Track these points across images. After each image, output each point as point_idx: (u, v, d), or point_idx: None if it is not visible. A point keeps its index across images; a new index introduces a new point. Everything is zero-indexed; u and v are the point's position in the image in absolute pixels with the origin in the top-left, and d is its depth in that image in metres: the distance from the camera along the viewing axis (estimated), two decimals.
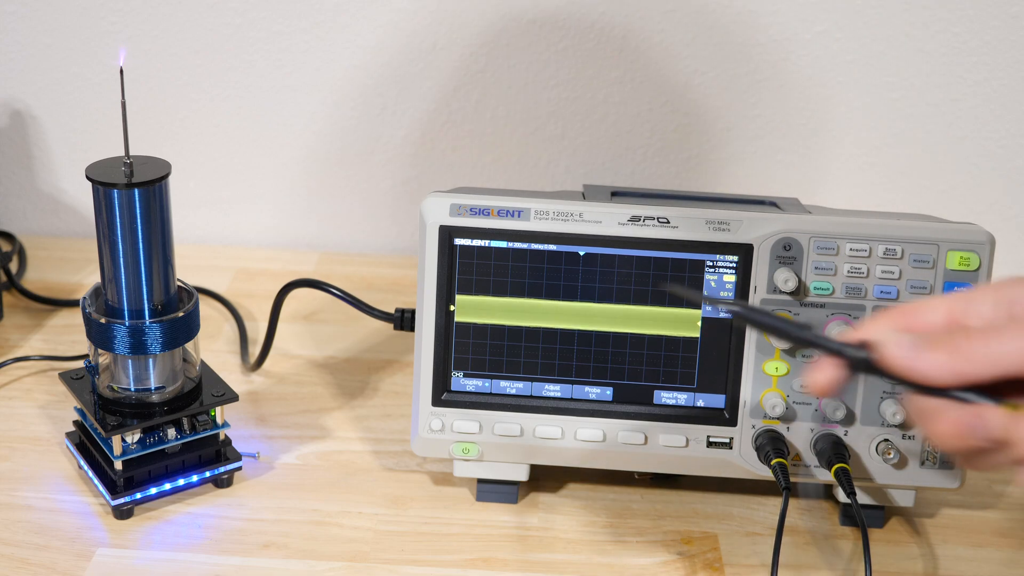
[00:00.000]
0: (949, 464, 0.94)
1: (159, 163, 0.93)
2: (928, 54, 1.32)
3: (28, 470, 1.01)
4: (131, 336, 0.93)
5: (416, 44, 1.34)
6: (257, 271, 1.36)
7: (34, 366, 1.15)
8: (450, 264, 0.93)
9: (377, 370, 1.17)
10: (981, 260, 0.91)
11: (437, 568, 0.91)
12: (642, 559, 0.93)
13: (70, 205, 1.43)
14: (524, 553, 0.94)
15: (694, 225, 0.92)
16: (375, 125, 1.38)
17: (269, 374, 1.16)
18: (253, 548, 0.93)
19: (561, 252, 0.92)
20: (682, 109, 1.36)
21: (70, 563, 0.90)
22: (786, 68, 1.33)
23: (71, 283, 1.31)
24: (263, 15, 1.33)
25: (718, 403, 0.95)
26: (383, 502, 0.98)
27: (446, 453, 0.96)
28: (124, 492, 0.94)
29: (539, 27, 1.33)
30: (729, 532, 0.96)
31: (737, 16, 1.31)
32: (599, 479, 1.01)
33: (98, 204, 0.91)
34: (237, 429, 1.05)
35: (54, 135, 1.40)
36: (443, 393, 0.95)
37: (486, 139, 1.38)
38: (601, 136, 1.37)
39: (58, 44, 1.35)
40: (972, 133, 1.35)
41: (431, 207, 0.92)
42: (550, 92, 1.35)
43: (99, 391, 0.96)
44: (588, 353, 0.94)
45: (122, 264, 0.92)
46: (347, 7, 1.33)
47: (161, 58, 1.36)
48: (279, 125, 1.38)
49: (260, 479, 1.01)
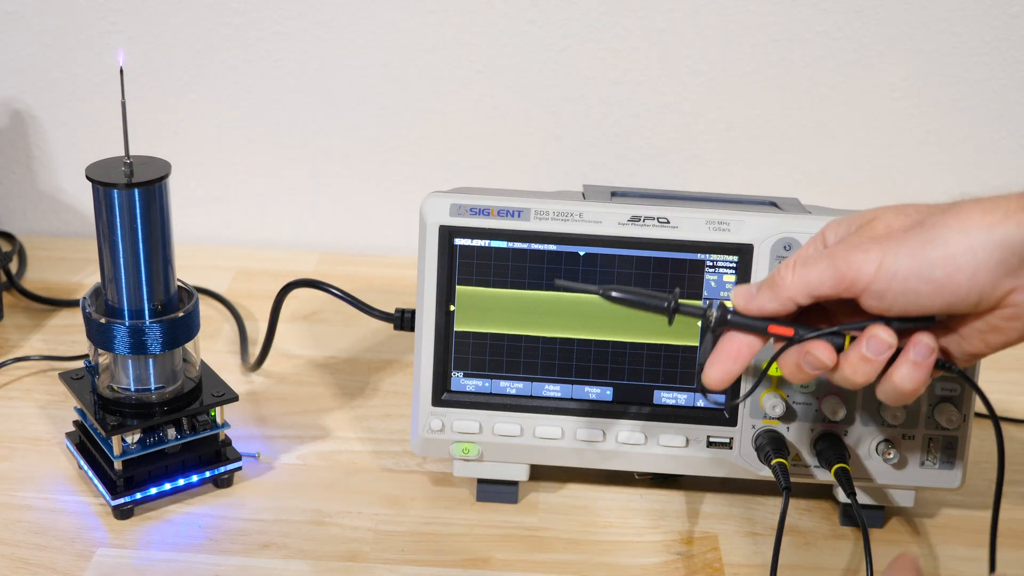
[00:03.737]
0: (949, 464, 0.94)
1: (159, 163, 0.93)
2: (928, 54, 1.32)
3: (28, 470, 1.01)
4: (131, 336, 0.93)
5: (416, 44, 1.34)
6: (257, 271, 1.36)
7: (34, 366, 1.15)
8: (450, 264, 0.93)
9: (377, 370, 1.17)
10: None
11: (437, 568, 0.91)
12: (642, 559, 0.93)
13: (70, 205, 1.43)
14: (524, 553, 0.94)
15: (694, 225, 0.92)
16: (375, 125, 1.38)
17: (269, 374, 1.16)
18: (253, 548, 0.93)
19: (561, 252, 0.92)
20: (682, 109, 1.36)
21: (70, 563, 0.90)
22: (786, 68, 1.33)
23: (71, 283, 1.31)
24: (263, 15, 1.33)
25: (719, 402, 0.95)
26: (383, 502, 0.98)
27: (446, 453, 0.96)
28: (124, 492, 0.94)
29: (539, 27, 1.33)
30: (729, 532, 0.96)
31: (737, 16, 1.31)
32: (599, 479, 1.01)
33: (98, 204, 0.91)
34: (237, 429, 1.05)
35: (54, 135, 1.40)
36: (443, 393, 0.95)
37: (486, 139, 1.38)
38: (601, 136, 1.37)
39: (58, 44, 1.35)
40: (972, 133, 1.35)
41: (431, 207, 0.92)
42: (550, 92, 1.35)
43: (99, 391, 0.96)
44: (588, 353, 0.94)
45: (122, 264, 0.92)
46: (347, 7, 1.33)
47: (161, 58, 1.36)
48: (279, 125, 1.38)
49: (260, 479, 1.01)
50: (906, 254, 0.70)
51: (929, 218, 0.70)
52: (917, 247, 0.70)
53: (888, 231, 0.72)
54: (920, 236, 0.70)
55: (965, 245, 0.69)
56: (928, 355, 0.73)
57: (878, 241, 0.71)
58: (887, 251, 0.70)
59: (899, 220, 0.73)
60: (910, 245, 0.70)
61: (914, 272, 0.70)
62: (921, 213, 0.72)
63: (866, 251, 0.71)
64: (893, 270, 0.70)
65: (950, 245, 0.69)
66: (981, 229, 0.68)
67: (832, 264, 0.72)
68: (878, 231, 0.73)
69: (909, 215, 0.73)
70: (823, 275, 0.72)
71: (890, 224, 0.73)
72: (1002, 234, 0.68)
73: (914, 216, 0.72)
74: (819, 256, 0.73)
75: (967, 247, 0.69)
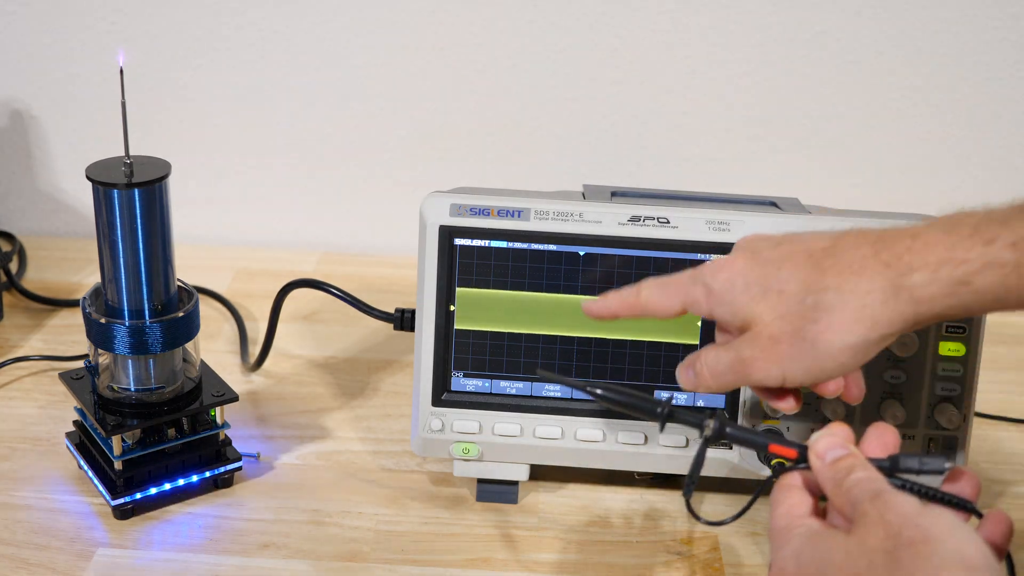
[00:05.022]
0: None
1: (159, 163, 0.93)
2: (928, 54, 1.32)
3: (28, 470, 1.01)
4: (131, 336, 0.93)
5: (416, 44, 1.34)
6: (257, 271, 1.36)
7: (34, 366, 1.15)
8: (450, 264, 0.93)
9: (377, 370, 1.17)
10: None
11: (437, 568, 0.91)
12: (642, 559, 0.93)
13: (70, 205, 1.43)
14: (524, 553, 0.94)
15: (694, 225, 0.92)
16: (375, 125, 1.38)
17: (269, 374, 1.16)
18: (253, 548, 0.93)
19: (561, 252, 0.92)
20: (682, 109, 1.36)
21: (70, 563, 0.90)
22: (786, 68, 1.33)
23: (71, 283, 1.31)
24: (263, 15, 1.33)
25: (718, 403, 0.95)
26: (383, 502, 0.98)
27: (446, 453, 0.96)
28: (124, 492, 0.94)
29: (539, 27, 1.33)
30: (729, 532, 0.96)
31: (737, 16, 1.31)
32: (599, 479, 1.01)
33: (98, 204, 0.91)
34: (237, 429, 1.05)
35: (54, 135, 1.40)
36: (443, 393, 0.95)
37: (486, 139, 1.38)
38: (601, 136, 1.37)
39: (58, 44, 1.35)
40: (972, 133, 1.35)
41: (431, 207, 0.92)
42: (549, 92, 1.35)
43: (99, 391, 0.96)
44: (588, 353, 0.94)
45: (122, 264, 0.92)
46: (347, 7, 1.33)
47: (161, 58, 1.36)
48: (279, 125, 1.38)
49: (260, 479, 1.01)
50: (801, 368, 0.75)
51: (807, 327, 0.75)
52: (810, 360, 0.75)
53: (772, 335, 0.76)
54: (809, 352, 0.75)
55: (850, 353, 0.74)
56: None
57: (772, 352, 0.76)
58: (785, 366, 0.76)
59: (776, 323, 0.76)
60: (803, 360, 0.75)
61: (811, 377, 0.76)
62: (792, 312, 0.75)
63: (766, 368, 0.76)
64: (794, 378, 0.76)
65: (837, 357, 0.74)
66: (858, 336, 0.74)
67: (743, 375, 0.77)
68: (762, 334, 0.76)
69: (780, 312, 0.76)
70: (735, 380, 0.78)
71: (769, 328, 0.76)
72: (877, 335, 0.74)
73: (788, 318, 0.76)
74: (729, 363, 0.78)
75: (852, 352, 0.74)
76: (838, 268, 0.74)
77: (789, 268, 0.75)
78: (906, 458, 0.71)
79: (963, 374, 0.93)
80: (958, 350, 0.92)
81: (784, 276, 0.75)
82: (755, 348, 0.76)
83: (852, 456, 0.70)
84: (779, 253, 0.76)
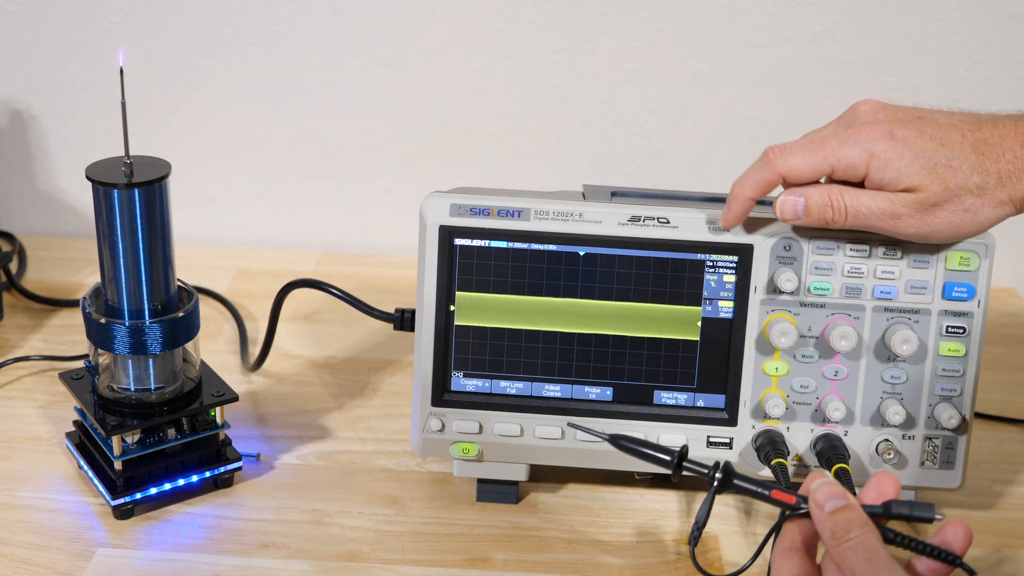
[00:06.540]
0: (949, 464, 0.94)
1: (159, 163, 0.93)
2: (928, 54, 1.32)
3: (28, 470, 1.01)
4: (131, 336, 0.93)
5: (416, 44, 1.34)
6: (257, 271, 1.36)
7: (34, 366, 1.15)
8: (450, 264, 0.93)
9: (377, 370, 1.17)
10: (980, 260, 0.91)
11: (437, 568, 0.91)
12: (642, 559, 0.93)
13: (70, 205, 1.43)
14: (524, 553, 0.94)
15: (694, 225, 0.92)
16: (375, 125, 1.38)
17: (269, 374, 1.16)
18: (253, 548, 0.93)
19: (561, 252, 0.92)
20: (682, 109, 1.36)
21: (70, 563, 0.90)
22: (786, 68, 1.33)
23: (71, 283, 1.32)
24: (263, 15, 1.33)
25: (718, 403, 0.95)
26: (383, 502, 0.98)
27: (446, 453, 0.96)
28: (124, 492, 0.94)
29: (539, 27, 1.33)
30: (729, 532, 0.96)
31: (737, 16, 1.31)
32: (599, 479, 1.01)
33: (98, 204, 0.91)
34: (237, 429, 1.05)
35: (54, 135, 1.40)
36: (443, 393, 0.95)
37: (486, 139, 1.38)
38: (601, 136, 1.37)
39: (58, 44, 1.35)
40: None
41: (431, 207, 0.92)
42: (550, 92, 1.35)
43: (99, 391, 0.96)
44: (588, 353, 0.94)
45: (122, 264, 0.92)
46: (347, 7, 1.33)
47: (161, 58, 1.36)
48: (279, 125, 1.39)
49: (260, 479, 1.01)
50: (948, 231, 0.87)
51: (970, 199, 0.86)
52: (958, 225, 0.87)
53: (935, 202, 0.86)
54: (963, 218, 0.86)
55: (992, 223, 0.87)
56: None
57: (929, 214, 0.86)
58: (935, 227, 0.87)
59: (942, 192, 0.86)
60: (953, 224, 0.87)
61: (952, 238, 0.88)
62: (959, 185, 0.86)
63: (916, 225, 0.87)
64: (937, 237, 0.88)
65: (983, 224, 0.87)
66: (1006, 212, 0.87)
67: (888, 224, 0.87)
68: (925, 200, 0.86)
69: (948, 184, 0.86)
70: (874, 224, 0.87)
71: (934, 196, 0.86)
72: (1015, 212, 0.87)
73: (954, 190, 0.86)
74: (880, 211, 0.86)
75: (993, 223, 0.87)
76: (994, 156, 0.85)
77: (949, 148, 0.85)
78: (897, 505, 0.77)
79: (963, 374, 0.93)
80: (958, 350, 0.92)
81: (948, 154, 0.84)
82: (912, 208, 0.85)
83: (849, 508, 0.74)
84: (933, 133, 0.85)
